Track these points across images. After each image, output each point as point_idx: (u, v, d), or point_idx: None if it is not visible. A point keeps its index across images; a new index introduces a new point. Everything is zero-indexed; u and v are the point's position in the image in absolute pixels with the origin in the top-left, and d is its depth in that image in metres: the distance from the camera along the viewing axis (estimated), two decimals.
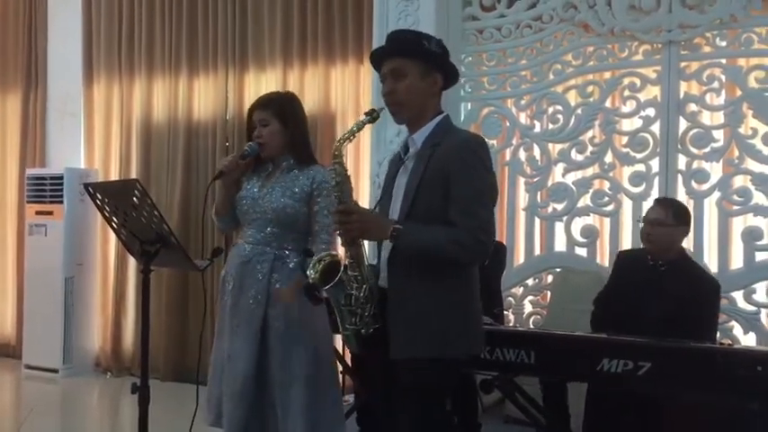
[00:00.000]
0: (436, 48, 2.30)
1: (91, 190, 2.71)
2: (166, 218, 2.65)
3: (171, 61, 5.69)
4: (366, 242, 2.32)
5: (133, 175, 5.68)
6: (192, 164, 5.60)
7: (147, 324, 2.71)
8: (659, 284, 3.26)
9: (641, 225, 3.43)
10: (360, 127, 2.30)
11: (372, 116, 2.30)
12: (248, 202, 2.89)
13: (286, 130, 2.87)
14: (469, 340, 2.27)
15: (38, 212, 5.84)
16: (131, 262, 5.71)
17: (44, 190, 5.82)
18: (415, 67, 2.28)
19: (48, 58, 6.28)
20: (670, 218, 3.30)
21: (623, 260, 3.57)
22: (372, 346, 2.28)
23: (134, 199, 2.57)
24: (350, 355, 3.87)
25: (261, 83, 5.34)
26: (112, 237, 5.61)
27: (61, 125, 6.25)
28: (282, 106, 2.89)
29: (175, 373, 5.47)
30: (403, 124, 2.39)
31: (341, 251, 2.37)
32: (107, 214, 2.74)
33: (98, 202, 2.70)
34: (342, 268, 2.23)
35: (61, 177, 5.74)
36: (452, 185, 2.18)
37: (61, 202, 5.73)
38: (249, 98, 5.18)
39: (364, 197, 4.65)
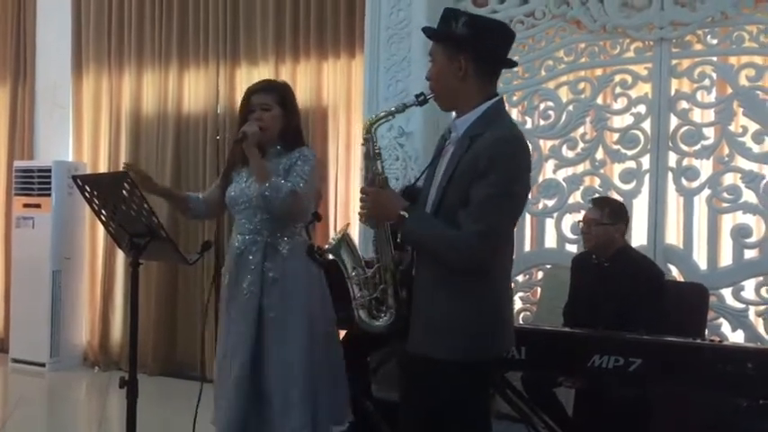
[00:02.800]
0: (462, 28, 2.10)
1: (80, 182, 2.69)
2: (156, 211, 2.63)
3: (161, 53, 5.64)
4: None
5: (122, 169, 5.64)
6: (182, 157, 5.56)
7: (136, 318, 2.69)
8: (605, 282, 3.38)
9: (581, 225, 3.57)
10: (401, 109, 2.18)
11: (419, 100, 2.16)
12: (237, 193, 2.90)
13: (285, 117, 2.90)
14: (487, 341, 2.08)
15: (25, 205, 5.79)
16: (120, 255, 5.68)
17: (32, 183, 5.77)
18: (442, 52, 2.14)
19: (36, 49, 6.21)
20: (605, 217, 3.43)
21: (575, 264, 3.67)
22: (395, 334, 2.20)
23: (123, 192, 2.54)
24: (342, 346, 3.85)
25: (253, 77, 5.28)
26: (101, 230, 5.58)
27: (50, 117, 6.19)
28: (284, 93, 2.95)
29: (163, 368, 5.47)
30: (449, 111, 2.25)
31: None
32: (96, 207, 2.71)
33: (87, 194, 2.67)
34: (343, 234, 2.24)
35: (49, 170, 5.70)
36: (472, 185, 2.03)
37: (49, 194, 5.68)
38: (240, 92, 5.09)
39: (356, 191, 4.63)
